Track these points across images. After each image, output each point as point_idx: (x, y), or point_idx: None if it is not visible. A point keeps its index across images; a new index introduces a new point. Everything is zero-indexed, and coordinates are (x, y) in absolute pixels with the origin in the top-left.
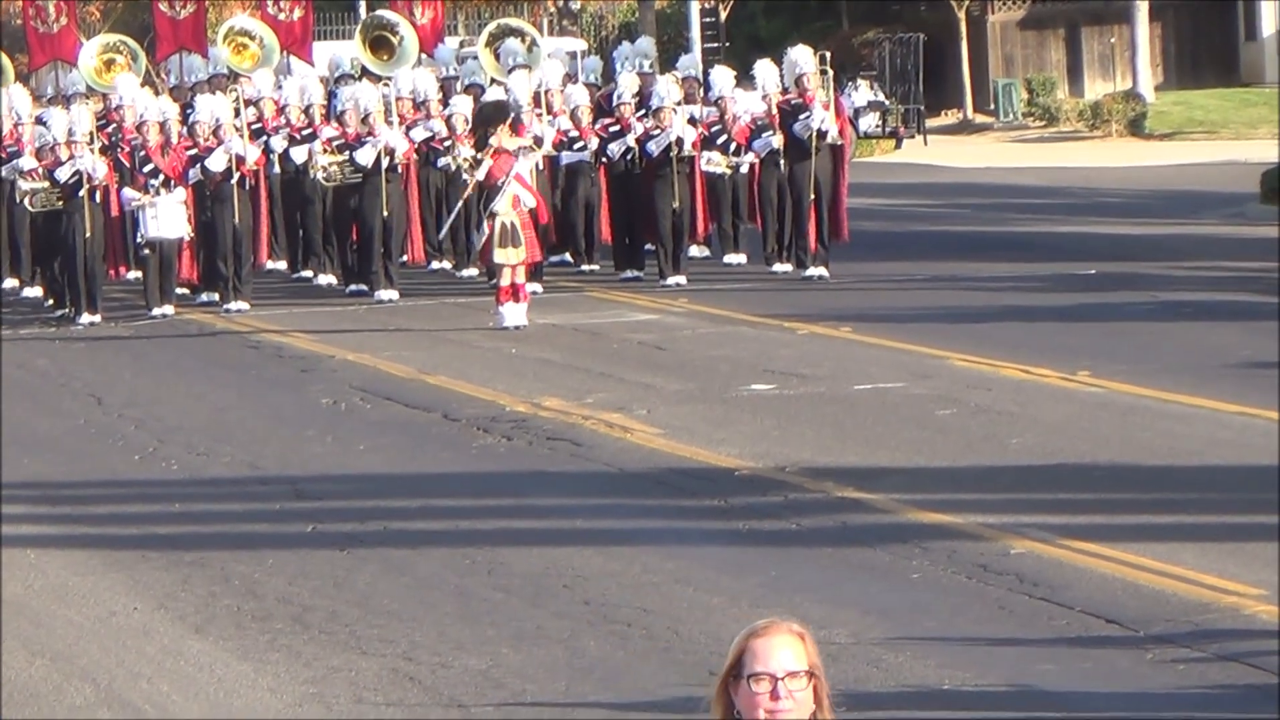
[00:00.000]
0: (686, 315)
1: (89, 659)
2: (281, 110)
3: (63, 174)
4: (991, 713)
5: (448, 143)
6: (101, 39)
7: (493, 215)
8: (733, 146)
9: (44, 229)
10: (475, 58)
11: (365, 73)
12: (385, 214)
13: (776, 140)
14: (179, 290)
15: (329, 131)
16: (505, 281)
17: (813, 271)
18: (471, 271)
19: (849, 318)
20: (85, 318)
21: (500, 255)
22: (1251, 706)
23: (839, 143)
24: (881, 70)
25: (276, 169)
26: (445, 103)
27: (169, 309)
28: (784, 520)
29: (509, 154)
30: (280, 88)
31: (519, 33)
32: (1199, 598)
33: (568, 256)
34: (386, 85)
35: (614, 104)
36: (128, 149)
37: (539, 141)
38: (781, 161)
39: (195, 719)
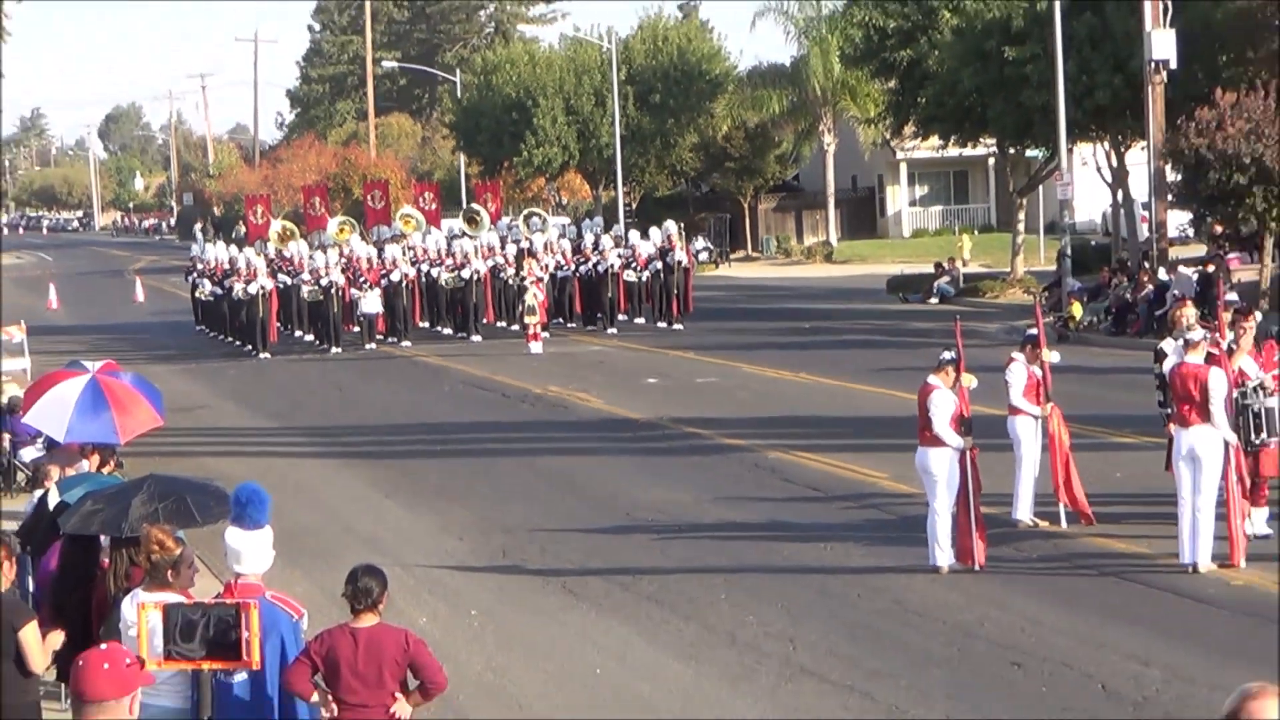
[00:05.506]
0: None
1: None
2: (425, 251)
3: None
4: None
5: (511, 269)
6: (337, 220)
7: None
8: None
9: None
10: (515, 226)
11: (464, 233)
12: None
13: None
14: None
15: (450, 261)
16: None
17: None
18: None
19: None
20: None
21: None
22: None
23: (688, 267)
24: (709, 231)
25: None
26: (503, 245)
27: None
28: None
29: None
30: (424, 239)
31: (538, 214)
32: None
33: None
34: (474, 239)
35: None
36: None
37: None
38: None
39: None
